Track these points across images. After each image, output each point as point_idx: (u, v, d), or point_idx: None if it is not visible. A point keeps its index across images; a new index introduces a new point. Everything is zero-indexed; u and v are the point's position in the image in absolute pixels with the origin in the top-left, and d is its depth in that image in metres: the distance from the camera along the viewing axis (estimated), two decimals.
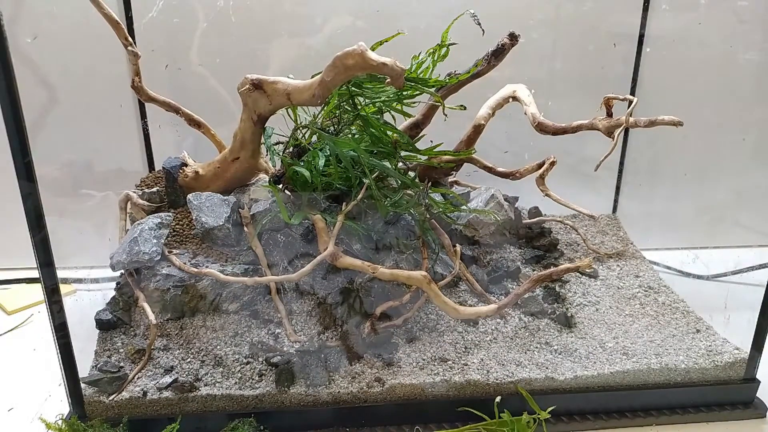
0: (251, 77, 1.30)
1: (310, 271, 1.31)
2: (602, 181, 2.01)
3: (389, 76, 1.15)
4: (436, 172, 1.63)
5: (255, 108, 1.33)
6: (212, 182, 1.50)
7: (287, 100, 1.28)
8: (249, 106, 1.34)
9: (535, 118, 1.52)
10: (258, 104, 1.32)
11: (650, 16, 1.83)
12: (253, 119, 1.35)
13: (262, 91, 1.30)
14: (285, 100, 1.29)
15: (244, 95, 1.31)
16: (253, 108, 1.34)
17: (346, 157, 1.31)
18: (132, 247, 1.36)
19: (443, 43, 1.37)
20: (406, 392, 1.33)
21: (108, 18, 1.40)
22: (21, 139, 1.04)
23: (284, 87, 1.28)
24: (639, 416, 1.37)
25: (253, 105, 1.33)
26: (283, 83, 1.28)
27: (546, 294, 1.58)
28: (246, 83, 1.30)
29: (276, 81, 1.28)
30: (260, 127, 1.38)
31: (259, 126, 1.38)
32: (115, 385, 1.28)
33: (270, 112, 1.35)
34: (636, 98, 1.45)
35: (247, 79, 1.30)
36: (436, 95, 1.41)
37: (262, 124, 1.38)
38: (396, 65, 1.13)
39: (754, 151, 2.01)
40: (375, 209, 1.41)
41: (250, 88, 1.29)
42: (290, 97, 1.27)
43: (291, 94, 1.27)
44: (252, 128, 1.37)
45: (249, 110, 1.35)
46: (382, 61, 1.12)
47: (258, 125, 1.37)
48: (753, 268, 1.88)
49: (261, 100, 1.31)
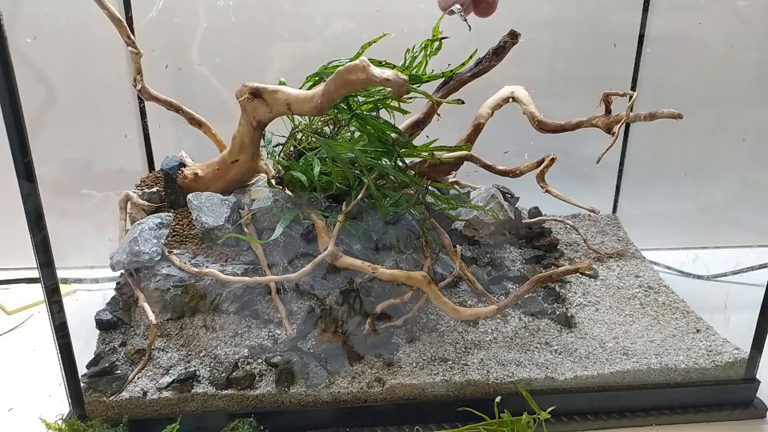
0: (250, 85, 1.28)
1: (310, 271, 1.31)
2: (602, 181, 2.01)
3: (391, 88, 1.14)
4: (436, 171, 1.63)
5: (254, 114, 1.32)
6: (211, 183, 1.50)
7: (287, 109, 1.27)
8: (248, 112, 1.33)
9: (535, 116, 1.52)
10: (257, 111, 1.31)
11: (650, 16, 1.83)
12: (252, 125, 1.35)
13: (261, 99, 1.28)
14: (285, 109, 1.27)
15: (242, 103, 1.30)
16: (252, 114, 1.33)
17: (342, 160, 1.31)
18: (132, 247, 1.36)
19: (435, 36, 1.37)
20: (406, 392, 1.33)
21: (111, 17, 1.39)
22: (21, 139, 1.04)
23: (284, 97, 1.26)
24: (639, 416, 1.37)
25: (252, 112, 1.32)
26: (284, 93, 1.26)
27: (546, 294, 1.58)
28: (245, 92, 1.29)
29: (276, 90, 1.27)
30: (260, 131, 1.38)
31: (259, 130, 1.37)
32: (115, 385, 1.28)
33: (269, 120, 1.34)
34: (636, 93, 1.46)
35: (246, 87, 1.28)
36: (429, 96, 1.41)
37: (261, 129, 1.38)
38: (398, 77, 1.11)
39: (754, 151, 2.01)
40: (375, 209, 1.41)
41: (249, 97, 1.28)
42: (290, 107, 1.26)
43: (291, 105, 1.25)
44: (251, 133, 1.37)
45: (248, 116, 1.34)
46: (384, 77, 1.10)
47: (257, 130, 1.37)
48: (753, 268, 1.89)
49: (260, 108, 1.30)
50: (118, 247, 1.40)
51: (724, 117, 1.96)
